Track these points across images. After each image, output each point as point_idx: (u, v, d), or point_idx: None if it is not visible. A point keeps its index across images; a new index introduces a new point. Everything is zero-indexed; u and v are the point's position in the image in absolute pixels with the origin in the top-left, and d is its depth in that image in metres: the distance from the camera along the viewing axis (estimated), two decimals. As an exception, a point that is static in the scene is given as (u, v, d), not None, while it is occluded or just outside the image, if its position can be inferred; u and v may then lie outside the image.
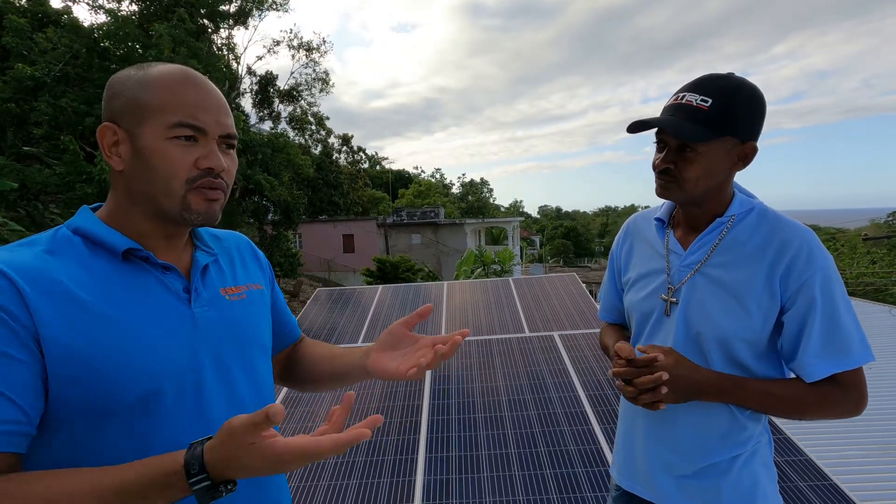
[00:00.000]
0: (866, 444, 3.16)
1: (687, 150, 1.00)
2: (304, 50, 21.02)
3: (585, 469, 2.45)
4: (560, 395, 3.08)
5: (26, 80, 10.89)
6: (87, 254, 0.73)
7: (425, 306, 0.87)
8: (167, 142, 0.73)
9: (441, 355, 0.77)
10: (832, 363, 0.97)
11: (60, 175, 10.38)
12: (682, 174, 1.02)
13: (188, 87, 0.75)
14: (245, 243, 1.00)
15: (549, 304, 5.55)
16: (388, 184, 40.74)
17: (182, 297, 0.78)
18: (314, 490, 2.42)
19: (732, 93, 0.98)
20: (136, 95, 0.74)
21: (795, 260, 0.99)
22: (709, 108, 0.97)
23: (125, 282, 0.73)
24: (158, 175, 0.74)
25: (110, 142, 0.75)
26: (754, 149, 1.02)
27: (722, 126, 0.97)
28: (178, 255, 0.83)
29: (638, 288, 1.19)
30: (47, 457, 0.68)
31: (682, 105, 1.00)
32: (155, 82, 0.74)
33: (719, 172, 1.03)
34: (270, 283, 1.01)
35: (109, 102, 0.76)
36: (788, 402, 1.01)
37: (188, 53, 12.34)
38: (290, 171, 17.36)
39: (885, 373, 4.37)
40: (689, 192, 1.03)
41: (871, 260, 21.87)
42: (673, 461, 1.11)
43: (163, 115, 0.73)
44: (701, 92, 0.99)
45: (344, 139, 28.35)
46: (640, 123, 1.03)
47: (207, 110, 0.76)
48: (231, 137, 0.80)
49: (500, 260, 16.88)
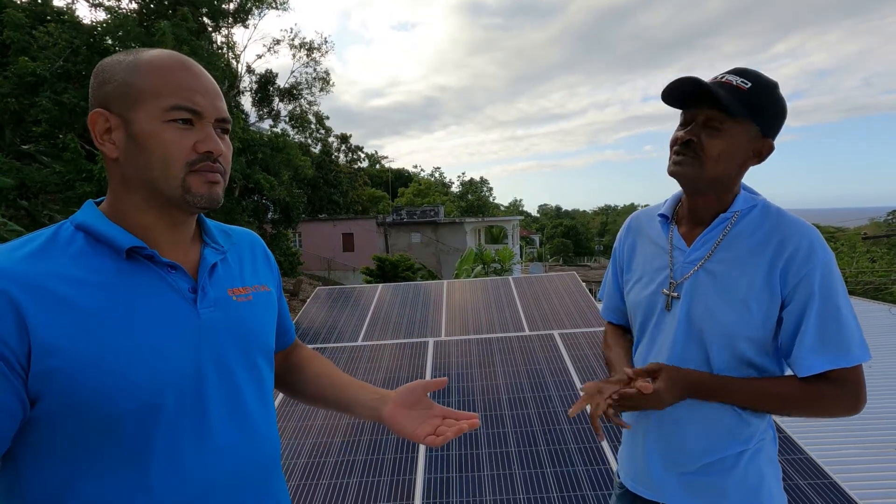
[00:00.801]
0: (866, 443, 3.17)
1: (713, 125, 1.01)
2: (304, 49, 21.01)
3: (586, 467, 2.45)
4: (560, 394, 3.09)
5: (27, 76, 10.85)
6: (90, 252, 0.71)
7: (441, 380, 0.93)
8: (164, 125, 0.72)
9: (458, 431, 0.87)
10: (828, 359, 0.97)
11: (60, 173, 10.36)
12: (705, 148, 1.02)
13: (182, 70, 0.74)
14: (258, 243, 0.98)
15: (549, 302, 5.55)
16: (387, 182, 40.72)
17: (188, 297, 0.76)
18: (314, 489, 2.43)
19: (768, 85, 1.02)
20: (128, 80, 0.72)
21: (795, 255, 0.99)
22: (748, 90, 1.00)
23: (127, 283, 0.71)
24: (156, 159, 0.72)
25: (102, 129, 0.73)
26: (771, 147, 1.04)
27: (754, 109, 1.00)
28: (185, 250, 0.80)
29: (641, 284, 1.19)
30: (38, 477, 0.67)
31: (723, 83, 1.02)
32: (147, 66, 0.73)
33: (737, 157, 1.03)
34: (278, 285, 0.99)
35: (99, 88, 0.74)
36: (782, 399, 1.01)
37: (189, 52, 12.33)
38: (290, 171, 17.35)
39: (885, 371, 4.38)
40: (707, 168, 1.03)
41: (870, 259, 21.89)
42: (677, 459, 1.11)
43: (158, 98, 0.71)
44: (742, 76, 1.02)
45: (342, 138, 28.34)
46: (684, 81, 1.01)
47: (203, 94, 0.74)
48: (226, 122, 0.78)
49: (500, 259, 16.89)
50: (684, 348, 1.08)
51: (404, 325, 5.31)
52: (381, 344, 4.01)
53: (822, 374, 0.98)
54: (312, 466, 2.58)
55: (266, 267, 0.96)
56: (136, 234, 0.74)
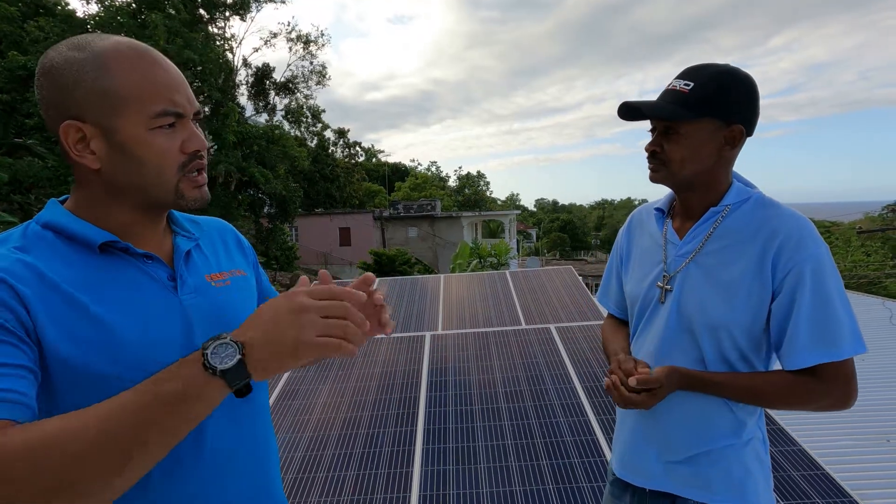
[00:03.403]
0: (859, 435, 3.20)
1: (671, 132, 1.05)
2: (301, 42, 20.86)
3: (581, 460, 2.47)
4: (556, 387, 3.10)
5: (18, 70, 10.75)
6: (63, 248, 0.70)
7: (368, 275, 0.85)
8: (152, 132, 0.70)
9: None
10: (819, 353, 0.97)
11: (52, 168, 10.29)
12: (668, 155, 1.06)
13: (153, 67, 0.71)
14: (228, 229, 0.98)
15: (546, 296, 5.56)
16: (384, 177, 40.60)
17: (168, 285, 0.76)
18: (312, 482, 2.44)
19: (714, 77, 1.02)
20: (100, 85, 0.67)
21: (785, 246, 0.99)
22: (689, 91, 1.03)
23: (107, 276, 0.70)
24: (150, 167, 0.71)
25: (75, 139, 0.69)
26: (741, 131, 1.04)
27: (701, 108, 1.02)
28: (159, 241, 0.80)
29: (638, 277, 1.21)
30: None
31: (669, 91, 1.07)
32: (115, 66, 0.68)
33: (706, 154, 1.05)
34: (254, 267, 0.99)
35: (63, 93, 0.68)
36: (771, 392, 1.02)
37: (183, 44, 12.21)
38: (286, 164, 17.28)
39: (879, 364, 4.42)
40: (675, 173, 1.07)
41: (865, 253, 22.01)
42: (664, 448, 1.12)
43: (142, 104, 0.69)
44: (686, 78, 1.05)
45: (339, 133, 28.22)
46: (626, 107, 1.09)
47: (179, 90, 0.73)
48: (199, 113, 0.78)
49: (497, 253, 16.90)
50: (676, 340, 1.09)
51: (401, 318, 5.31)
52: (378, 338, 4.02)
53: (812, 367, 0.98)
54: (309, 460, 2.59)
55: (239, 252, 0.96)
56: (108, 230, 0.73)
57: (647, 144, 1.10)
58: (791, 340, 0.99)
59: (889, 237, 21.53)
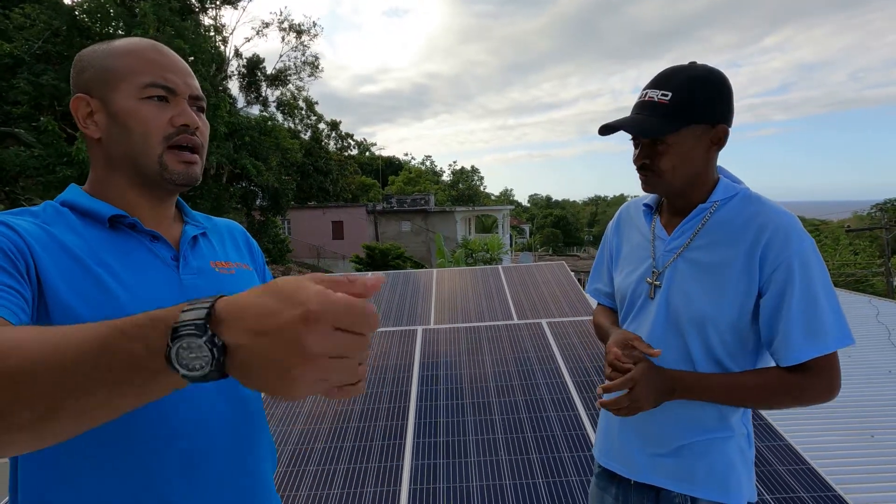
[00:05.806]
0: (844, 431, 3.25)
1: (658, 144, 1.05)
2: (294, 32, 20.62)
3: (571, 454, 2.48)
4: (547, 382, 3.11)
5: (4, 58, 10.54)
6: (78, 223, 0.75)
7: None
8: (140, 102, 0.76)
9: None
10: (810, 347, 0.98)
11: (40, 157, 10.12)
12: (659, 167, 1.06)
13: (155, 52, 0.79)
14: (239, 230, 1.00)
15: (538, 291, 5.58)
16: (378, 170, 40.43)
17: (170, 263, 0.78)
18: (302, 475, 2.43)
19: (691, 83, 1.02)
20: (104, 64, 0.77)
21: (772, 242, 0.99)
22: (669, 102, 1.02)
23: (113, 247, 0.74)
24: (135, 135, 0.76)
25: (84, 112, 0.77)
26: (726, 131, 1.05)
27: (684, 116, 1.01)
28: (168, 227, 0.83)
29: (627, 272, 1.21)
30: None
31: (646, 102, 1.05)
32: (121, 50, 0.78)
33: (695, 159, 1.05)
34: (262, 271, 0.99)
35: (79, 76, 0.79)
36: (760, 390, 1.02)
37: (174, 33, 12.03)
38: (279, 156, 17.12)
39: (864, 360, 4.48)
40: (669, 182, 1.07)
41: (853, 251, 22.31)
42: (648, 441, 1.13)
43: (133, 76, 0.76)
44: (662, 87, 1.04)
45: (332, 125, 28.01)
46: (608, 127, 1.07)
47: (175, 72, 0.79)
48: (200, 99, 0.82)
49: (489, 248, 16.90)
50: (663, 334, 1.10)
51: (393, 312, 5.31)
52: (370, 332, 4.00)
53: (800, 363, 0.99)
54: (300, 453, 2.58)
55: (248, 253, 0.97)
56: (119, 208, 0.78)
57: (636, 158, 1.10)
58: (785, 337, 0.99)
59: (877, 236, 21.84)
